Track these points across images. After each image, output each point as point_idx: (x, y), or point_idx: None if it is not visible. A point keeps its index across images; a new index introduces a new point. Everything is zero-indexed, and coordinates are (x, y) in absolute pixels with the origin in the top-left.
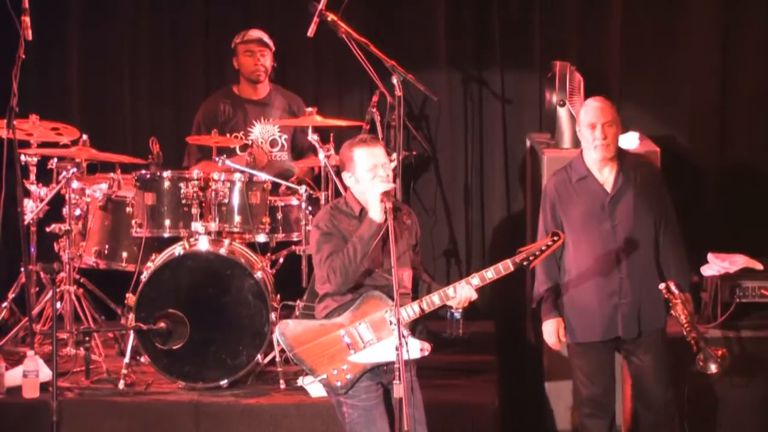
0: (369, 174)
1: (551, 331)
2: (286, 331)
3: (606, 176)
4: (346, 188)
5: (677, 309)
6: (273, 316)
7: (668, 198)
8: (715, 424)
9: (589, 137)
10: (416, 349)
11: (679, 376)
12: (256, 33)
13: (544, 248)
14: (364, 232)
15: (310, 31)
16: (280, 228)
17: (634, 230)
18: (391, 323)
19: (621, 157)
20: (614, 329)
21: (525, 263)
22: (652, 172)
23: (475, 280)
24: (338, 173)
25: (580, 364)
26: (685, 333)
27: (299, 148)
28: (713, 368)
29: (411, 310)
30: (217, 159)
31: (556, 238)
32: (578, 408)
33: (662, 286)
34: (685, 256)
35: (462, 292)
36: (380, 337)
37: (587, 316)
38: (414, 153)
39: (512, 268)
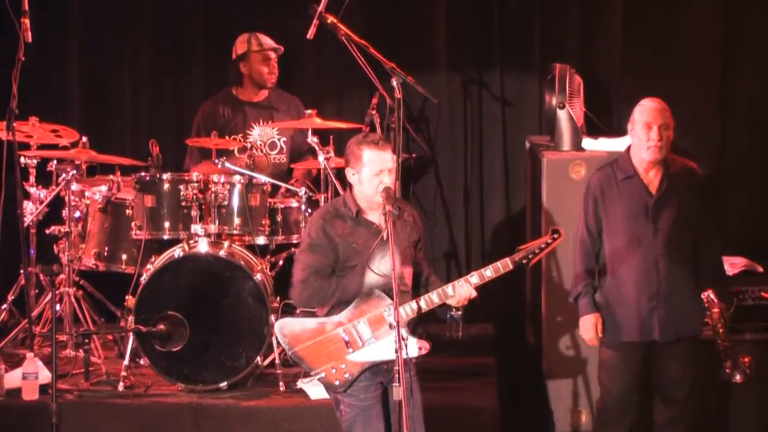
0: (375, 179)
1: (589, 327)
2: (285, 330)
3: (651, 178)
4: (345, 188)
5: (714, 317)
6: (272, 318)
7: (712, 206)
8: (715, 427)
9: (643, 137)
10: (415, 347)
11: (705, 382)
12: (269, 41)
13: (543, 246)
14: (348, 293)
15: (310, 33)
16: (280, 230)
17: (675, 235)
18: (390, 325)
19: (667, 160)
20: (651, 332)
21: (524, 261)
22: (696, 179)
23: (474, 278)
24: (338, 175)
25: (609, 365)
26: (718, 341)
27: (298, 151)
28: (738, 377)
29: (410, 308)
30: (216, 161)
31: (556, 236)
32: (598, 414)
33: (704, 294)
34: (722, 265)
35: (461, 291)
36: (379, 336)
37: (625, 317)
38: (414, 155)
39: (511, 267)
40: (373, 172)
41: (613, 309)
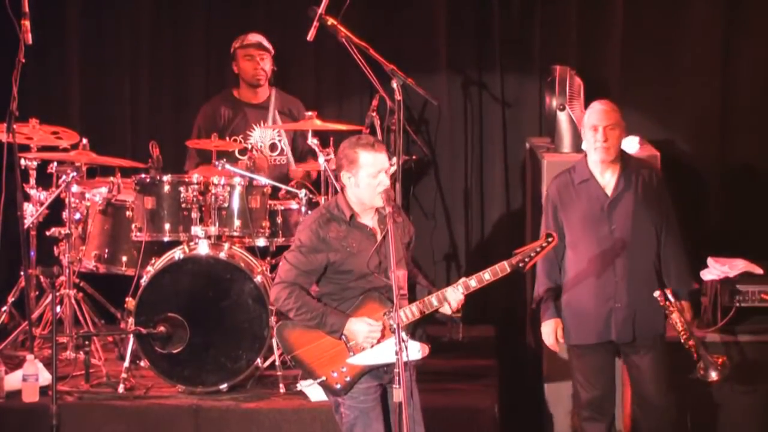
0: (373, 181)
1: (549, 332)
2: (285, 333)
3: (608, 179)
4: (340, 190)
5: (673, 317)
6: (273, 320)
7: (669, 203)
8: (715, 430)
9: (590, 139)
10: (415, 350)
11: (681, 383)
12: (254, 37)
13: (538, 249)
14: (327, 325)
15: (310, 36)
16: (280, 232)
17: (632, 234)
18: (391, 327)
19: (624, 160)
20: (608, 332)
21: (521, 265)
22: (653, 176)
23: (473, 281)
24: (337, 178)
25: (579, 367)
26: (682, 341)
27: (299, 152)
28: (713, 375)
29: (409, 312)
30: (216, 163)
31: (550, 240)
32: (577, 411)
33: (657, 293)
34: (686, 262)
35: (455, 296)
36: (379, 339)
37: (582, 319)
38: (414, 157)
39: (509, 270)
40: (370, 174)
41: (573, 312)
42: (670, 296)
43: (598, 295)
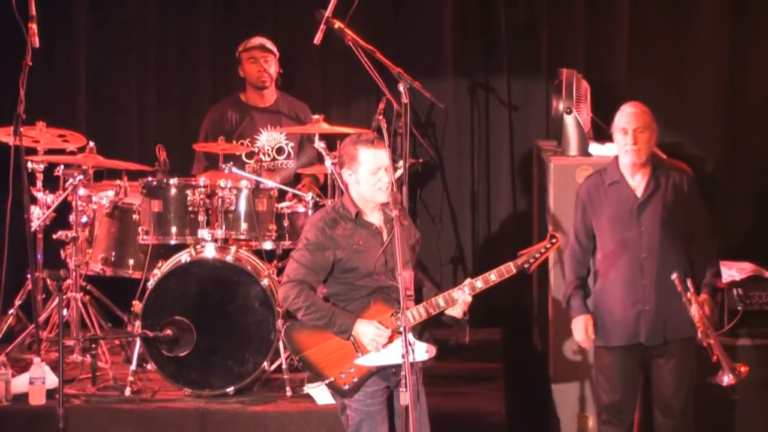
0: (373, 177)
1: (580, 328)
2: (293, 334)
3: (638, 182)
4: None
5: (692, 310)
6: (279, 323)
7: (701, 207)
8: None
9: (620, 142)
10: (422, 351)
11: (699, 385)
12: (258, 39)
13: (543, 250)
14: (335, 326)
15: (317, 39)
16: (287, 235)
17: (660, 237)
18: (397, 328)
19: (655, 163)
20: (637, 335)
21: (526, 266)
22: (684, 179)
23: (479, 282)
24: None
25: (602, 369)
26: (699, 336)
27: (306, 156)
28: (728, 379)
29: (417, 313)
30: (223, 166)
31: (554, 241)
32: (597, 414)
33: (674, 275)
34: (713, 264)
35: (462, 297)
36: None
37: (611, 320)
38: (420, 160)
39: (514, 271)
40: (370, 170)
41: (602, 313)
42: (689, 285)
43: (626, 297)
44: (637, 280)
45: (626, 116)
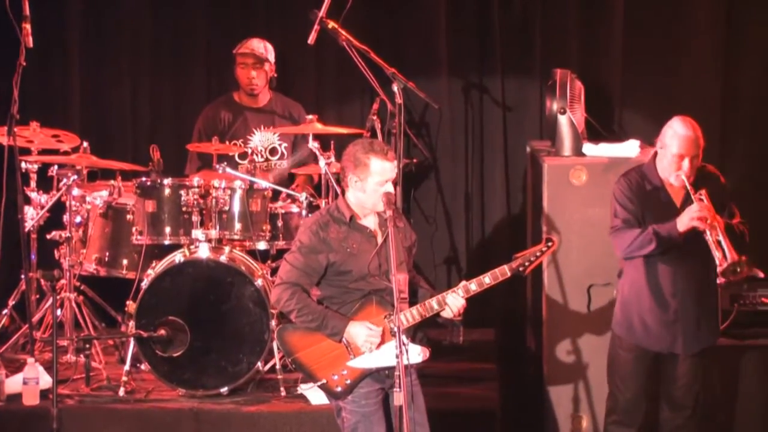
0: (380, 188)
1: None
2: (285, 336)
3: (677, 190)
4: (341, 192)
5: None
6: (273, 323)
7: (733, 212)
8: None
9: (673, 165)
10: (416, 353)
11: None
12: (251, 45)
13: (538, 254)
14: (328, 328)
15: (311, 39)
16: (281, 235)
17: (697, 246)
18: (391, 330)
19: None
20: (674, 345)
21: (521, 269)
22: (718, 187)
23: (473, 285)
24: (338, 181)
25: (618, 368)
26: (702, 225)
27: (299, 156)
28: (728, 260)
29: (410, 315)
30: (217, 166)
31: (550, 244)
32: (607, 413)
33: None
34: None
35: (457, 302)
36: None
37: (645, 324)
38: (414, 160)
39: (509, 274)
40: (378, 182)
41: (634, 313)
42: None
43: (662, 304)
44: (672, 287)
45: (683, 142)
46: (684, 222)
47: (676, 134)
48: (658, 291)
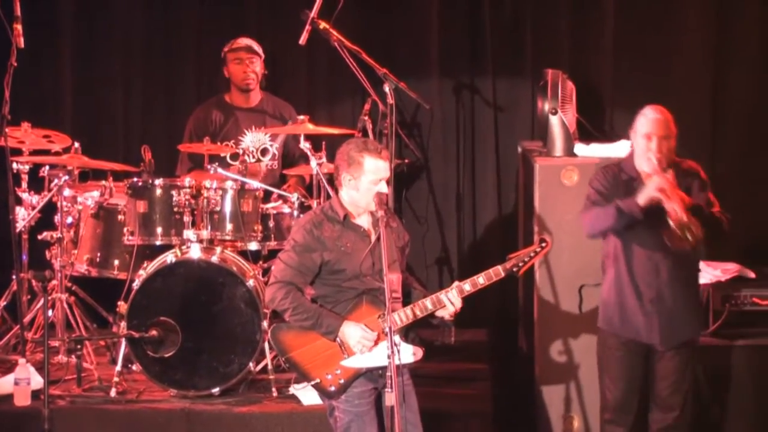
0: (373, 187)
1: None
2: (279, 335)
3: None
4: (335, 192)
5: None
6: (265, 324)
7: (712, 202)
8: None
9: (642, 146)
10: (409, 353)
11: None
12: (244, 41)
13: (532, 254)
14: (322, 327)
15: (302, 39)
16: (272, 236)
17: None
18: (383, 330)
19: (671, 166)
20: (651, 336)
21: (515, 269)
22: (699, 181)
23: (467, 286)
24: (330, 181)
25: (608, 365)
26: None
27: (291, 156)
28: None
29: (404, 315)
30: (209, 166)
31: (543, 245)
32: (600, 412)
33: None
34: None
35: (453, 302)
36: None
37: (628, 316)
38: (406, 161)
39: (503, 275)
40: (372, 180)
41: (613, 302)
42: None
43: (643, 296)
44: (652, 279)
45: (651, 123)
46: (644, 193)
47: (644, 116)
48: (637, 281)
